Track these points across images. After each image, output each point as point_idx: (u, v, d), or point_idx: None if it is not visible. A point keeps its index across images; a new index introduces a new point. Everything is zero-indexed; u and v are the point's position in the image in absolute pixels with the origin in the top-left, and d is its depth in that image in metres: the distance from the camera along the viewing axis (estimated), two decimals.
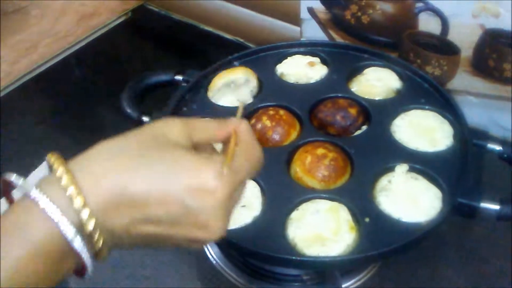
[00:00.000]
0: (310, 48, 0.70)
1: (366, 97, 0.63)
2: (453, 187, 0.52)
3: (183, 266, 0.59)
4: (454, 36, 0.69)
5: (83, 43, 0.93)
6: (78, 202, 0.28)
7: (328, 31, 0.79)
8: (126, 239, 0.30)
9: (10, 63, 0.88)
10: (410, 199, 0.51)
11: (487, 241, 0.61)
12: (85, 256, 0.29)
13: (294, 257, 0.47)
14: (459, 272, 0.58)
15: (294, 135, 0.59)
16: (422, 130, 0.58)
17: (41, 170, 0.31)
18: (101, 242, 0.29)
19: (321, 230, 0.49)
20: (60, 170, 0.28)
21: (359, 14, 0.75)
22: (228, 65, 0.68)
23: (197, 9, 0.94)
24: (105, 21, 0.97)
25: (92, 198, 0.28)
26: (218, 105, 0.64)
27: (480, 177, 0.53)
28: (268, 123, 0.59)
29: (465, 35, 0.68)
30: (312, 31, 0.79)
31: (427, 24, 0.70)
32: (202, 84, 0.65)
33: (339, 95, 0.63)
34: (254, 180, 0.53)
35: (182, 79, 0.66)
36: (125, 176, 0.29)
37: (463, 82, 0.72)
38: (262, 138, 0.58)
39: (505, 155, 0.55)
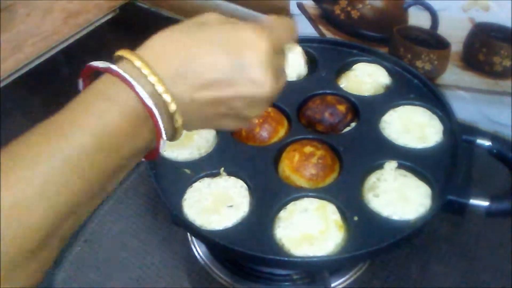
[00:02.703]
0: (299, 44, 0.69)
1: (355, 93, 0.62)
2: (443, 184, 0.51)
3: (172, 267, 0.58)
4: (444, 30, 0.68)
5: (70, 41, 0.92)
6: (160, 88, 0.32)
7: (318, 26, 0.78)
8: (194, 109, 0.34)
9: None
10: (399, 197, 0.50)
11: (478, 237, 0.61)
12: (161, 124, 0.32)
13: (281, 258, 0.46)
14: (450, 269, 0.58)
15: (282, 132, 0.58)
16: (412, 126, 0.57)
17: None
18: (180, 120, 0.34)
19: (309, 229, 0.48)
20: (135, 60, 0.32)
21: (349, 8, 0.74)
22: None
23: (187, 5, 0.93)
24: (93, 19, 0.95)
25: (162, 73, 0.32)
26: None
27: (469, 173, 0.53)
28: (255, 119, 0.58)
29: (455, 29, 0.67)
30: (302, 27, 0.79)
31: (417, 18, 0.69)
32: None
33: (328, 91, 0.62)
34: (242, 179, 0.53)
35: None
36: (183, 52, 0.34)
37: (453, 76, 0.71)
38: (249, 135, 0.58)
39: (494, 151, 0.55)
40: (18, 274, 0.28)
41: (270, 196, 0.51)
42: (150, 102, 0.32)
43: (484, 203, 0.50)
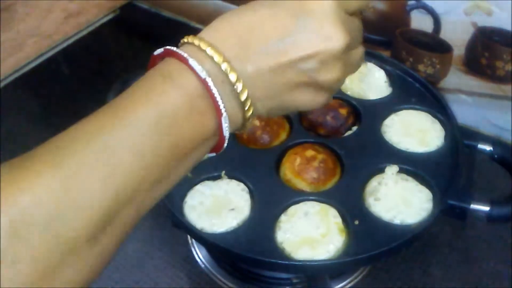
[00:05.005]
0: None
1: (356, 97, 0.62)
2: (444, 188, 0.51)
3: (172, 270, 0.58)
4: (446, 34, 0.68)
5: (70, 41, 0.92)
6: (224, 66, 0.31)
7: None
8: (261, 82, 0.33)
9: None
10: (400, 201, 0.50)
11: (479, 242, 0.60)
12: (221, 103, 0.31)
13: (282, 261, 0.46)
14: (451, 273, 0.58)
15: (283, 135, 0.58)
16: (413, 131, 0.57)
17: None
18: (248, 102, 0.33)
19: (310, 233, 0.48)
20: (203, 44, 0.31)
21: None
22: None
23: (187, 6, 0.93)
24: (93, 19, 0.95)
25: (225, 51, 0.31)
26: None
27: (471, 177, 0.53)
28: (257, 122, 0.58)
29: (457, 33, 0.67)
30: None
31: (420, 22, 0.69)
32: None
33: None
34: (243, 182, 0.53)
35: None
36: (244, 25, 0.33)
37: (455, 80, 0.71)
38: (251, 138, 0.58)
39: (496, 156, 0.55)
40: (75, 262, 0.26)
41: (271, 199, 0.51)
42: (204, 75, 0.30)
43: (485, 208, 0.50)
